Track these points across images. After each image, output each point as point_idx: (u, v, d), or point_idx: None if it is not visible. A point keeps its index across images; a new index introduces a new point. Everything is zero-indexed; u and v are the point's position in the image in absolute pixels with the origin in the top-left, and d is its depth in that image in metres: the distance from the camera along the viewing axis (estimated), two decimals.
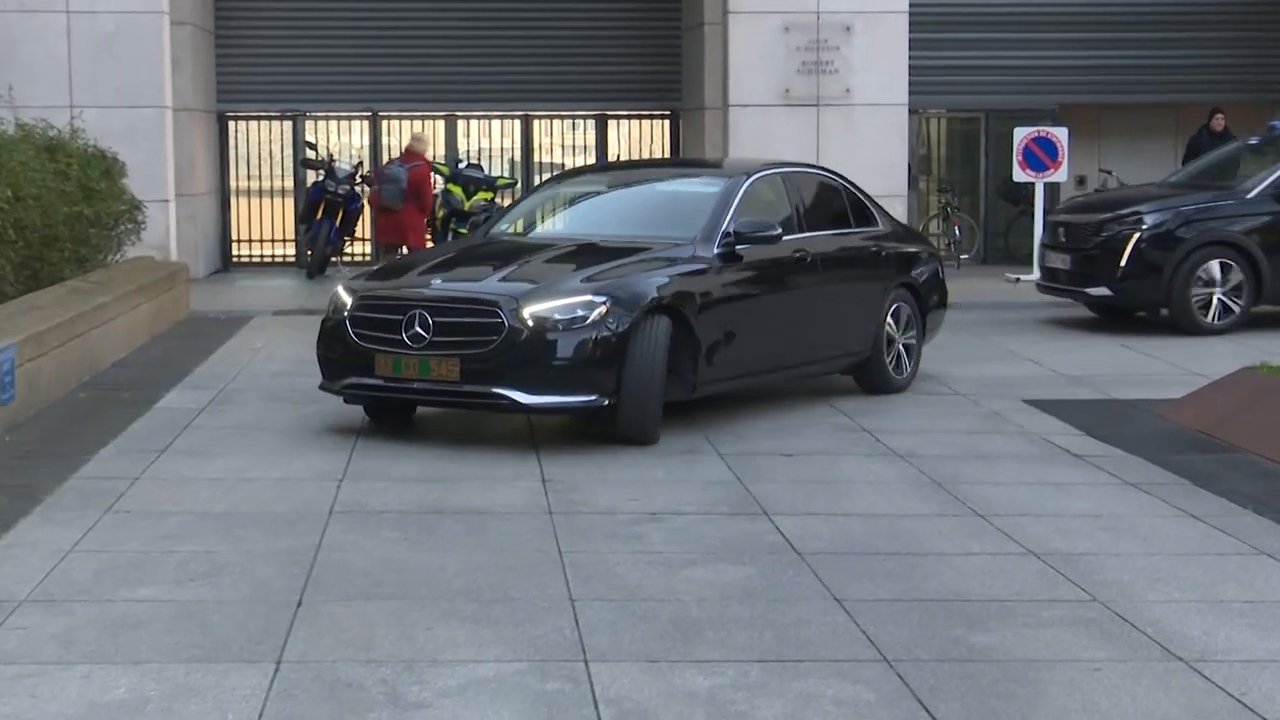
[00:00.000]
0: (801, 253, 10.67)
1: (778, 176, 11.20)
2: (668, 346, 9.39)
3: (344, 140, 22.66)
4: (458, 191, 19.95)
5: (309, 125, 22.07)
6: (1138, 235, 14.78)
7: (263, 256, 22.01)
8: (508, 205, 14.38)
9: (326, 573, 6.67)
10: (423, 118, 22.02)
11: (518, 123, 22.71)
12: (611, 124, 22.85)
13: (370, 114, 22.15)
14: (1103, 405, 11.03)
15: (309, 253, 20.54)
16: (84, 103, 17.06)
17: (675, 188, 11.47)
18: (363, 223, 21.37)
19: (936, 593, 6.47)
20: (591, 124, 22.98)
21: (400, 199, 16.99)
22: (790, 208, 11.00)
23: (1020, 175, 18.69)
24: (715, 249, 10.08)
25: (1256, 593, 6.53)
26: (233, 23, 21.26)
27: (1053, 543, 7.25)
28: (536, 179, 21.62)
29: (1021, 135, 18.61)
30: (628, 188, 11.99)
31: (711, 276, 9.95)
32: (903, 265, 11.63)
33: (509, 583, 6.53)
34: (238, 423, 10.18)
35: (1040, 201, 18.74)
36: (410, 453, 9.27)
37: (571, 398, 9.22)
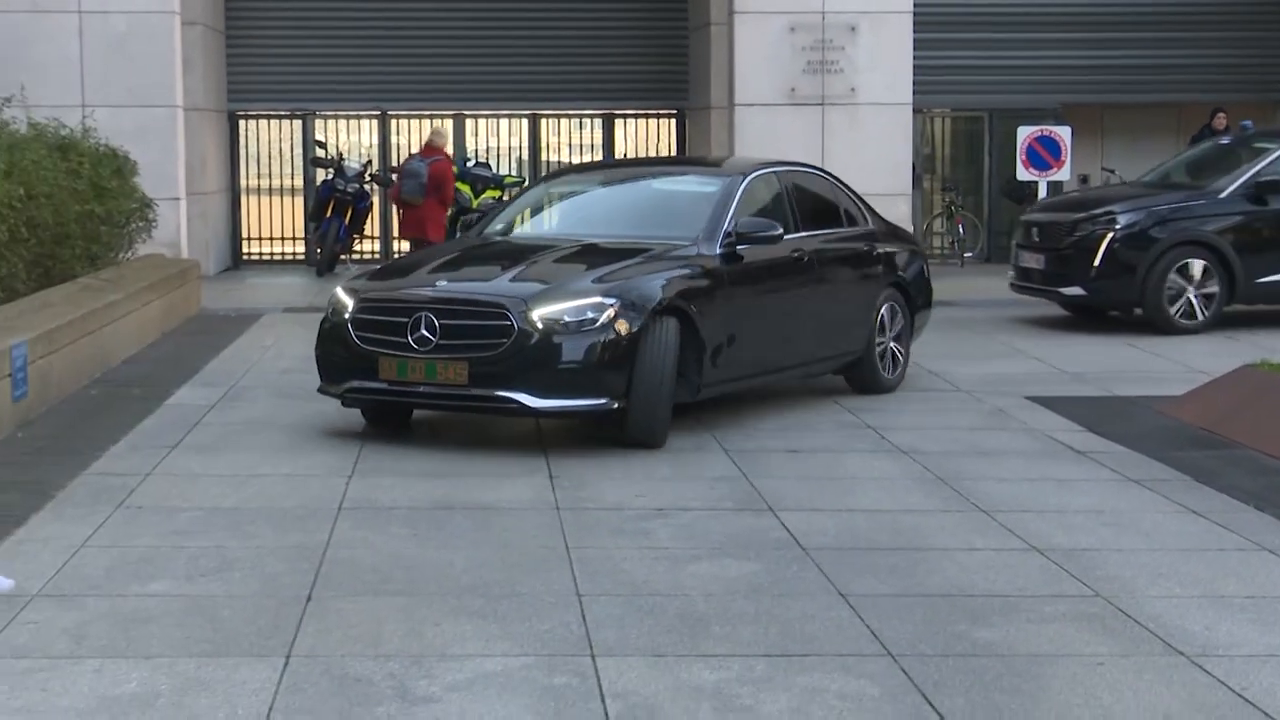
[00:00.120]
0: (800, 252, 10.61)
1: (773, 175, 11.11)
2: (678, 349, 9.31)
3: (353, 139, 22.71)
4: (465, 190, 19.99)
5: (318, 124, 22.15)
6: (1111, 235, 14.74)
7: (273, 254, 22.06)
8: (504, 203, 14.24)
9: (335, 568, 6.69)
10: (431, 116, 22.05)
11: (525, 121, 22.76)
12: (618, 123, 22.88)
13: (379, 113, 22.21)
14: (1105, 402, 11.05)
15: (318, 250, 20.59)
16: (96, 102, 17.11)
17: (672, 187, 11.36)
18: (372, 221, 21.47)
19: (940, 588, 6.49)
20: (599, 123, 23.02)
21: (421, 193, 16.91)
22: (787, 207, 10.89)
23: (1024, 174, 18.70)
24: (717, 249, 9.98)
25: (1257, 588, 6.55)
26: (243, 23, 21.32)
27: (1055, 538, 7.27)
28: None
29: (1025, 134, 18.59)
30: (624, 187, 11.75)
31: (715, 277, 9.83)
32: (893, 264, 11.57)
33: (516, 578, 6.56)
34: (247, 419, 10.21)
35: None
36: (418, 449, 9.30)
37: (581, 401, 9.08)
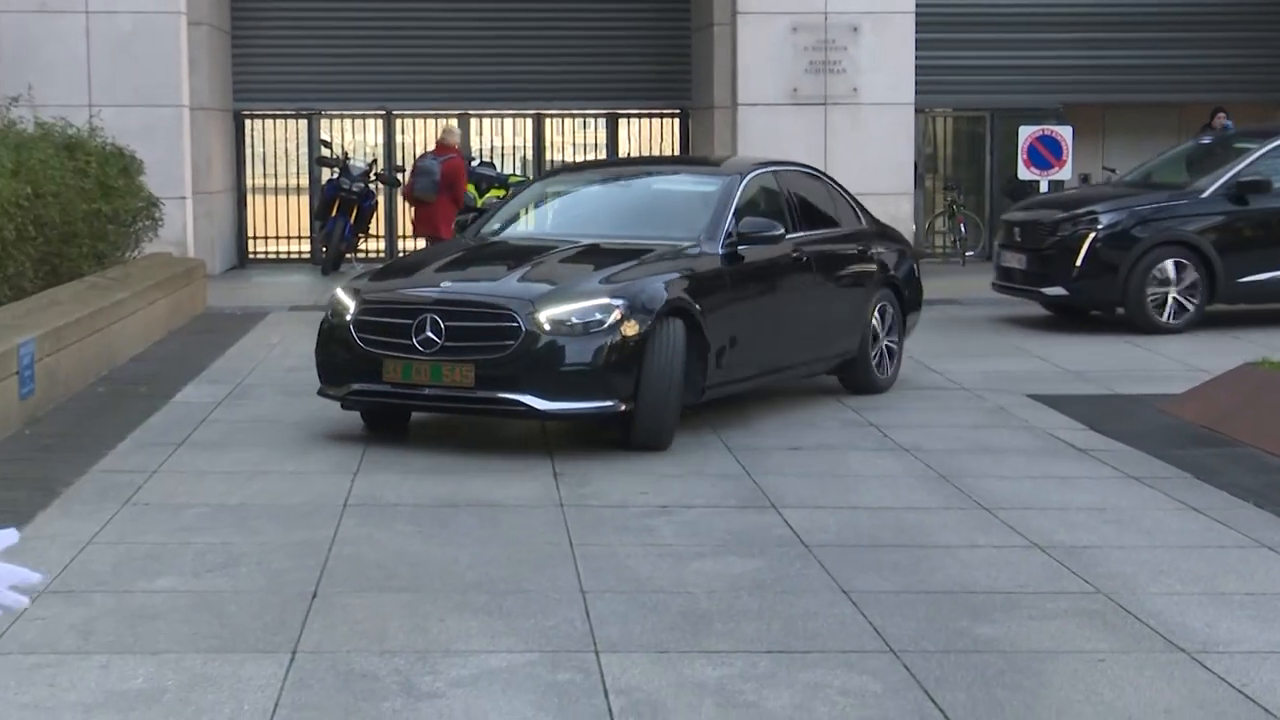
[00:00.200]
0: (799, 253, 10.60)
1: (771, 175, 11.08)
2: (685, 350, 9.26)
3: (358, 138, 22.75)
4: (470, 190, 20.00)
5: (324, 124, 22.17)
6: (1093, 235, 14.74)
7: (278, 253, 22.10)
8: (501, 202, 14.15)
9: (341, 565, 6.72)
10: (436, 116, 22.08)
11: (530, 121, 22.78)
12: (622, 122, 22.90)
13: (384, 112, 22.24)
14: (1106, 400, 11.07)
15: (324, 249, 20.63)
16: (102, 102, 17.13)
17: (671, 186, 11.32)
18: (377, 220, 21.49)
19: (942, 585, 6.51)
20: (603, 122, 23.04)
21: (433, 191, 16.88)
22: (785, 207, 10.85)
23: (1025, 173, 18.73)
24: (719, 249, 9.95)
25: (1257, 585, 6.57)
26: (249, 23, 21.35)
27: (1057, 536, 7.29)
28: None
29: (1026, 134, 18.61)
30: (621, 187, 11.63)
31: (718, 278, 9.79)
32: (885, 264, 11.53)
33: (521, 575, 6.58)
34: (253, 417, 10.25)
35: None
36: (423, 447, 9.32)
37: (588, 403, 8.97)
